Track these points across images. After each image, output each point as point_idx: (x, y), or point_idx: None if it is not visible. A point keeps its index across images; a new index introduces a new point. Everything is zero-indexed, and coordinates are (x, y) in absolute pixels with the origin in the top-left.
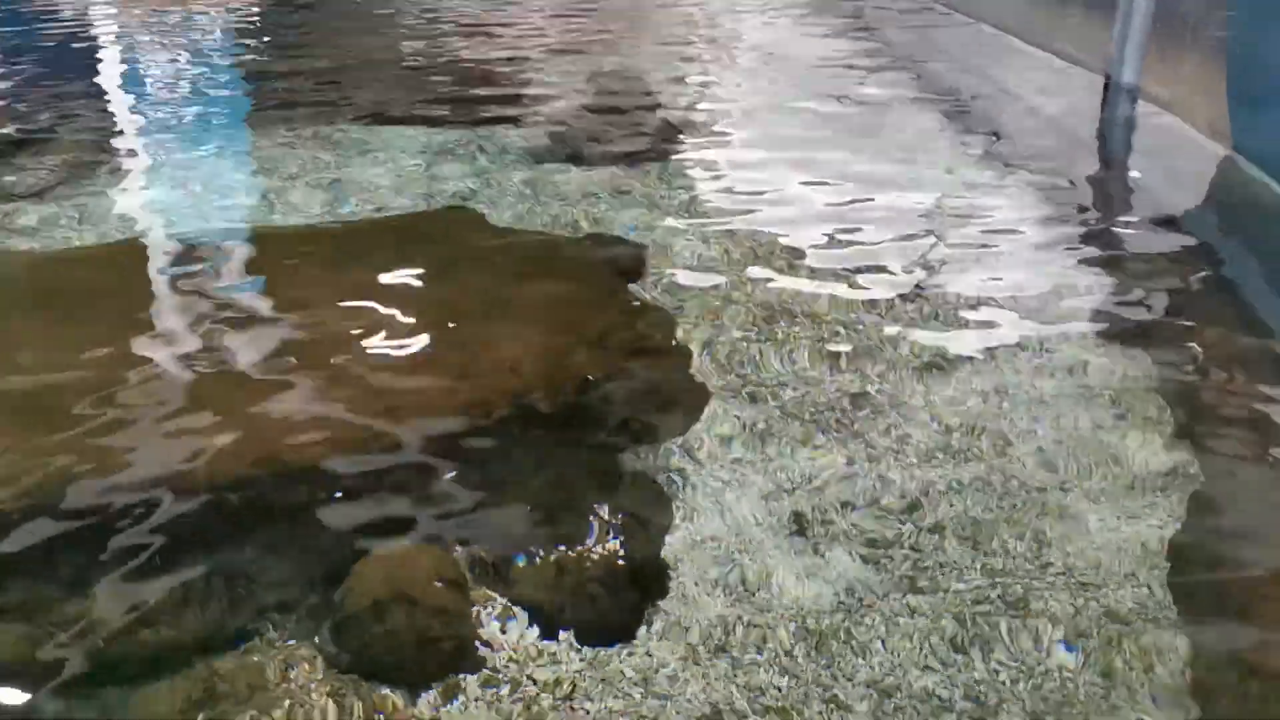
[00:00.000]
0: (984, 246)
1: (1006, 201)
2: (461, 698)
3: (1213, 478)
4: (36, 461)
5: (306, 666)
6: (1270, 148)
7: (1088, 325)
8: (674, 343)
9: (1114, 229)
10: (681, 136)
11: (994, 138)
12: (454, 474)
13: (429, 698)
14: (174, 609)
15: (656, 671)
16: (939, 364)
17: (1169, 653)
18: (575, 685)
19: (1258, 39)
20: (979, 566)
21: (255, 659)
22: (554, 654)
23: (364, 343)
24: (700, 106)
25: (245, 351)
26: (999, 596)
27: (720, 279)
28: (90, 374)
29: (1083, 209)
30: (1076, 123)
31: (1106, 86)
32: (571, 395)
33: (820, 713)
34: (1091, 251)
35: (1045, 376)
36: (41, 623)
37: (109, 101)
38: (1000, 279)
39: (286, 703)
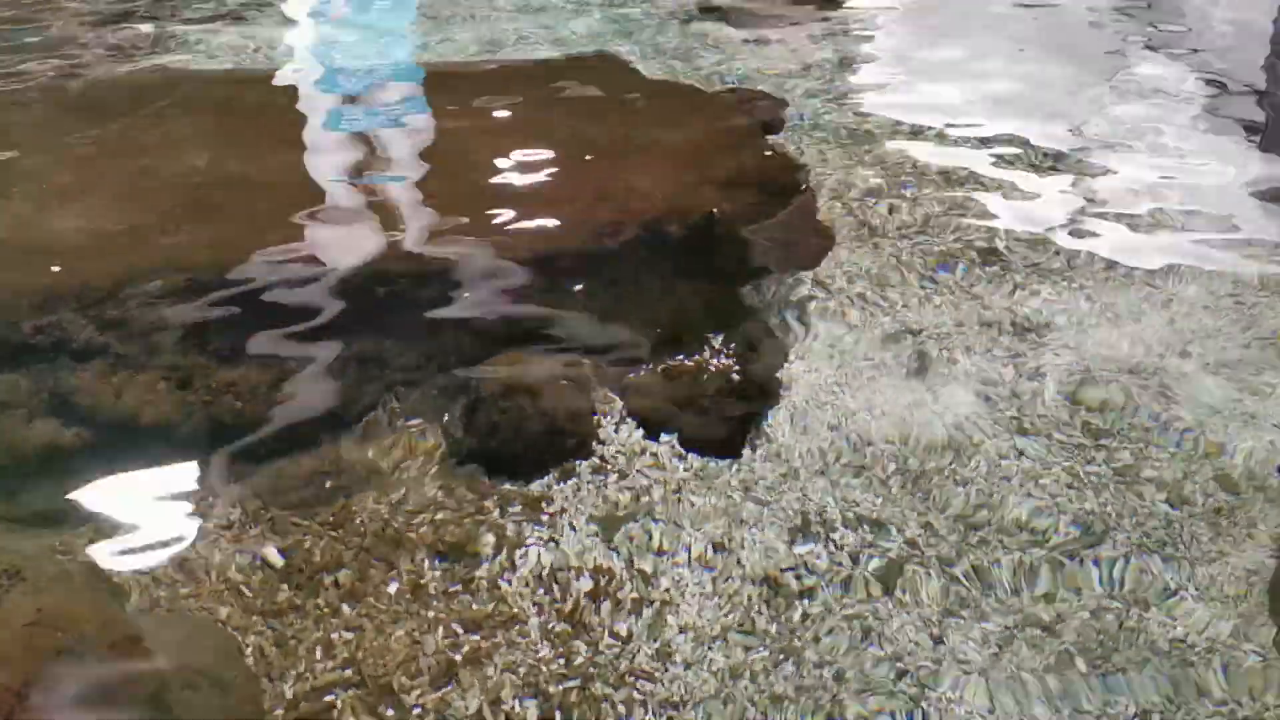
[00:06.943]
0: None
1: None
2: (574, 480)
3: None
4: (206, 244)
5: (428, 448)
6: None
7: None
8: (802, 189)
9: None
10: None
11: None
12: (584, 290)
13: (545, 482)
14: (309, 382)
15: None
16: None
17: None
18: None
19: None
20: None
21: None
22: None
23: (504, 165)
24: None
25: (395, 165)
26: None
27: (855, 136)
28: (256, 176)
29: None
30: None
31: None
32: (699, 226)
33: None
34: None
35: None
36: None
37: None
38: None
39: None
